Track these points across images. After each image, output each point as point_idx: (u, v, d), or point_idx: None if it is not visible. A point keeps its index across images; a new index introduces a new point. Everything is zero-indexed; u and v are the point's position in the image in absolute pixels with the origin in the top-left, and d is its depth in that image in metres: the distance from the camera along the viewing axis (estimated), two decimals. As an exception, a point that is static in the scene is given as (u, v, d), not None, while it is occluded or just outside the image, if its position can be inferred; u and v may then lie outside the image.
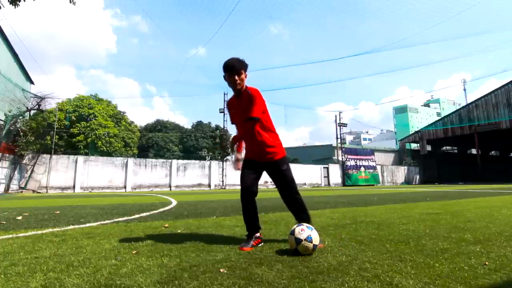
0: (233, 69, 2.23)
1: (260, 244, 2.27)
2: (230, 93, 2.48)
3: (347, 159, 28.97)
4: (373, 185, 28.69)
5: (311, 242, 1.95)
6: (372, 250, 2.06)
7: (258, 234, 2.31)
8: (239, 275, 1.55)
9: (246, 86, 2.31)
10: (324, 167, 28.01)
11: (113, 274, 1.58)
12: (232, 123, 2.52)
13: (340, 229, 2.94)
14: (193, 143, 44.03)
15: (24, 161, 16.39)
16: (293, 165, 26.15)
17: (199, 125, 47.37)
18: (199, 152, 43.64)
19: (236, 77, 2.24)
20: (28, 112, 18.04)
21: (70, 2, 5.88)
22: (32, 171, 16.49)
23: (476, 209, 4.63)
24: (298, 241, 1.96)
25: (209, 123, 47.61)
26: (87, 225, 3.39)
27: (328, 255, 1.94)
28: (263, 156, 2.36)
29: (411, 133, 42.16)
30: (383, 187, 21.32)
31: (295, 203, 2.40)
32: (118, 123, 32.84)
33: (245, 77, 2.29)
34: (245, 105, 2.27)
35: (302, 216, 2.38)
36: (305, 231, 1.99)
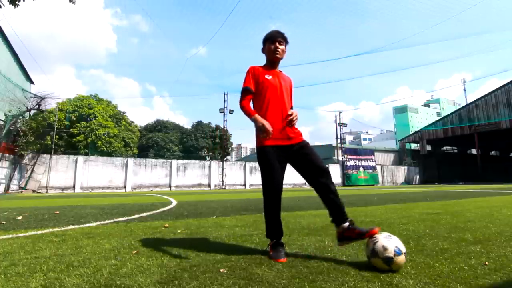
0: (275, 37, 2.15)
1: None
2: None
3: (347, 159, 28.95)
4: (373, 185, 28.68)
5: (402, 253, 1.59)
6: (372, 250, 2.06)
7: (282, 240, 2.00)
8: (239, 275, 1.55)
9: (280, 70, 2.26)
10: (324, 167, 27.97)
11: (113, 274, 1.58)
12: (252, 90, 2.10)
13: (340, 229, 2.94)
14: (193, 143, 44.03)
15: (24, 161, 16.39)
16: (293, 165, 26.07)
17: (199, 125, 47.40)
18: (199, 152, 43.64)
19: (278, 45, 2.14)
20: (28, 112, 18.04)
21: (70, 1, 5.86)
22: (32, 171, 16.48)
23: (476, 209, 4.63)
24: (389, 260, 1.57)
25: (209, 123, 47.72)
26: (87, 225, 3.39)
27: (328, 255, 1.94)
28: (291, 133, 2.05)
29: (411, 133, 42.14)
30: (383, 187, 21.32)
31: (332, 189, 1.92)
32: (118, 123, 32.86)
33: (285, 52, 2.21)
34: (285, 84, 2.21)
35: (340, 210, 1.90)
36: (387, 244, 1.60)
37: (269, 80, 2.12)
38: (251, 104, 2.14)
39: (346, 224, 1.86)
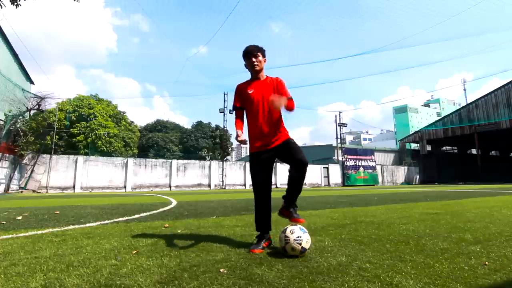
0: (250, 52, 2.34)
1: (271, 245, 2.22)
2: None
3: (347, 159, 28.94)
4: (373, 185, 28.68)
5: (300, 244, 1.91)
6: (372, 250, 2.06)
7: (268, 235, 2.24)
8: (239, 275, 1.55)
9: (266, 76, 2.42)
10: (324, 167, 27.99)
11: (113, 274, 1.58)
12: (238, 107, 2.40)
13: (340, 229, 2.94)
14: (193, 143, 44.00)
15: (24, 161, 16.38)
16: (293, 165, 26.06)
17: (199, 125, 47.32)
18: (199, 152, 43.59)
19: (254, 59, 2.33)
20: (28, 112, 18.03)
21: (75, 0, 5.85)
22: (32, 171, 16.48)
23: (476, 209, 4.63)
24: (287, 240, 1.94)
25: (209, 123, 47.60)
26: (87, 225, 3.39)
27: (328, 255, 1.94)
28: (275, 137, 2.27)
29: (411, 133, 42.12)
30: (383, 187, 21.31)
31: (299, 181, 2.19)
32: (118, 123, 32.82)
33: (264, 61, 2.38)
34: (269, 89, 2.34)
35: (294, 196, 2.22)
36: (296, 232, 1.96)
37: (250, 94, 2.35)
38: (245, 117, 2.45)
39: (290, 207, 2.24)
